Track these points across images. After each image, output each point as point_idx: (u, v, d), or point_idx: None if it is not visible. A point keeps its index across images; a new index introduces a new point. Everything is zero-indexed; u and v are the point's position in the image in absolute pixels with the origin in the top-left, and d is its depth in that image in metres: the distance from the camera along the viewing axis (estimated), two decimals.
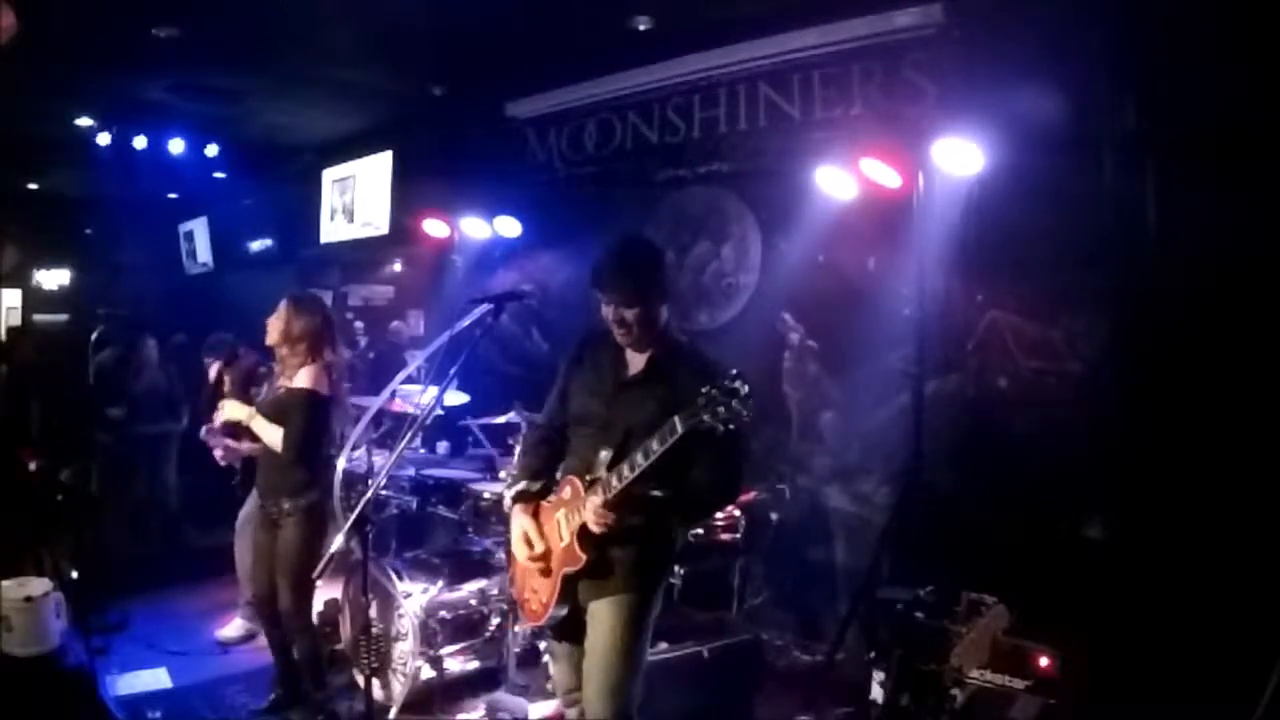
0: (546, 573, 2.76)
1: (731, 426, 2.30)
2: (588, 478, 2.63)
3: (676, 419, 2.38)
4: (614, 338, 2.78)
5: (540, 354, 6.47)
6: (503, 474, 4.47)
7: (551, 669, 3.09)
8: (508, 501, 2.94)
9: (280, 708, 3.98)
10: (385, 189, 7.34)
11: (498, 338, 6.41)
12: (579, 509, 2.61)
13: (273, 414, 3.76)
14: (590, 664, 2.69)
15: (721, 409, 2.27)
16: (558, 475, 2.84)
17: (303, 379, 3.73)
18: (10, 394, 6.14)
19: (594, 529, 2.55)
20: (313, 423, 3.71)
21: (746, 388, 2.28)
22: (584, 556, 2.62)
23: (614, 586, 2.67)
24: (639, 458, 2.47)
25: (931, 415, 4.19)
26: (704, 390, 2.30)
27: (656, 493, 2.60)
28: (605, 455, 2.60)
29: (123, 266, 9.79)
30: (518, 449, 4.18)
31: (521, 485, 2.85)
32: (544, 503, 2.82)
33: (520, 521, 2.80)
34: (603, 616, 2.68)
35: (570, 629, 2.81)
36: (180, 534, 6.78)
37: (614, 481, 2.53)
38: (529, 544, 2.76)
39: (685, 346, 2.80)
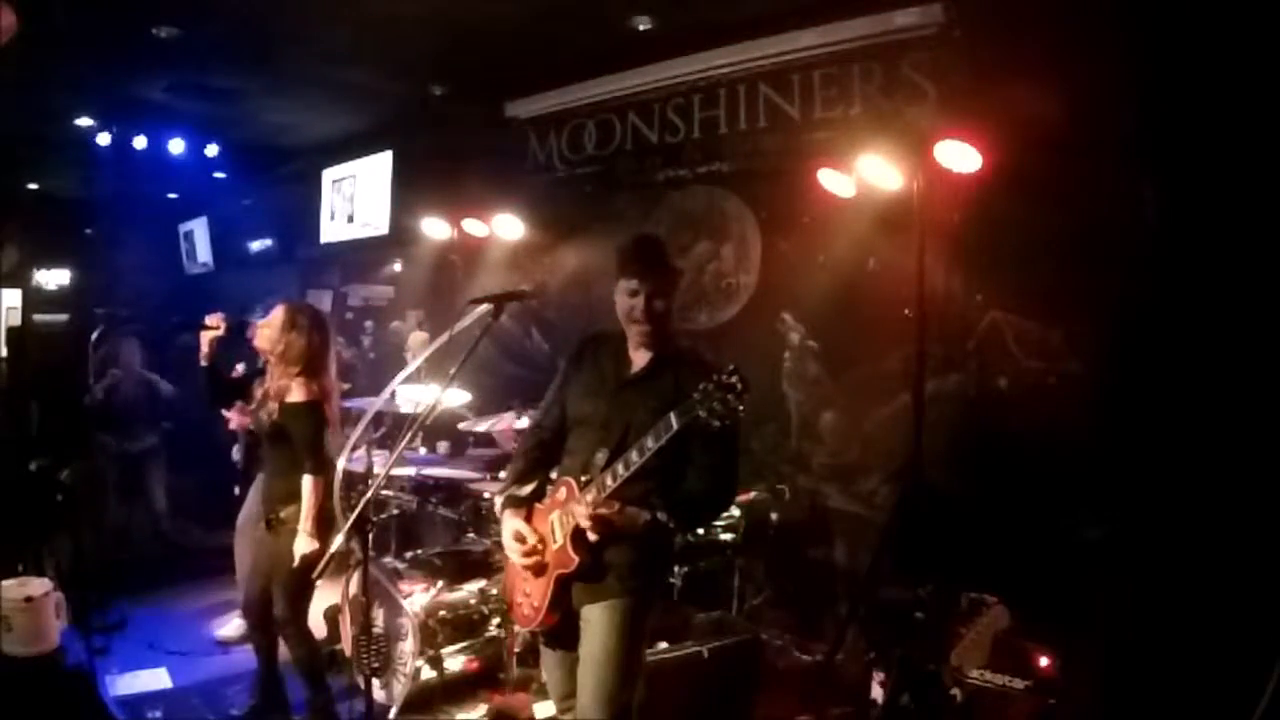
0: (539, 576, 2.70)
1: (727, 422, 2.27)
2: (583, 478, 2.57)
3: (672, 415, 2.35)
4: (615, 338, 2.75)
5: (540, 354, 6.47)
6: (502, 474, 4.48)
7: (545, 675, 3.03)
8: (498, 507, 2.88)
9: (258, 715, 3.93)
10: (385, 189, 7.34)
11: (498, 337, 6.42)
12: (573, 510, 2.55)
13: (273, 434, 3.72)
14: (584, 671, 2.62)
15: (717, 404, 2.25)
16: (553, 476, 2.79)
17: (298, 393, 3.66)
18: (10, 394, 6.13)
19: (588, 531, 2.50)
20: (319, 429, 3.66)
21: (742, 383, 2.25)
22: (577, 558, 2.56)
23: (608, 590, 2.61)
24: (633, 455, 2.44)
25: (931, 415, 4.18)
26: (700, 386, 2.28)
27: (652, 499, 2.55)
28: (602, 455, 2.56)
29: (123, 266, 9.77)
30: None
31: (511, 489, 2.80)
32: (538, 505, 2.76)
33: (511, 523, 2.74)
34: (596, 622, 2.61)
35: (563, 634, 2.74)
36: (171, 542, 6.57)
37: (608, 480, 2.48)
38: (521, 540, 2.69)
39: (687, 347, 2.78)
